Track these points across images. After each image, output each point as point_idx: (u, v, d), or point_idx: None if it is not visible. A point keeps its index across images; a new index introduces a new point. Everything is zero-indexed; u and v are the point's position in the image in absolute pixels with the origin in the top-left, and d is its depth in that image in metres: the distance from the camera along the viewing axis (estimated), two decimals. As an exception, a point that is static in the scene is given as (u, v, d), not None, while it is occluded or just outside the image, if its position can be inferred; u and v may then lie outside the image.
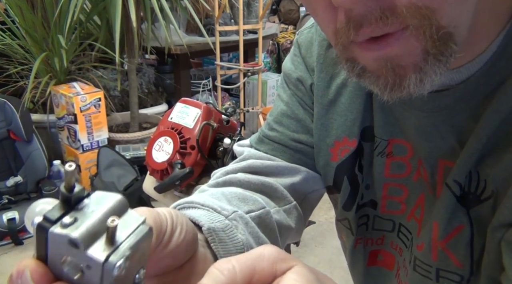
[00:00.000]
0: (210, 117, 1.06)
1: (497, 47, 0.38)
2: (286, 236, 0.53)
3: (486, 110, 0.39)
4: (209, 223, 0.39)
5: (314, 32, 0.56)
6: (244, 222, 0.44)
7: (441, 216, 0.44)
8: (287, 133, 0.57)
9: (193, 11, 2.14)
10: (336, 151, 0.54)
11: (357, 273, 0.60)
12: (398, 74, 0.33)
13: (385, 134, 0.50)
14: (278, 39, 3.87)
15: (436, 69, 0.33)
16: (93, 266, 0.21)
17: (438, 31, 0.31)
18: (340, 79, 0.52)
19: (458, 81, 0.40)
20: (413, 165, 0.49)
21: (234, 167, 0.56)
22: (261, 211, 0.48)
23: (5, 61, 2.37)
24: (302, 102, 0.57)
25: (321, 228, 2.12)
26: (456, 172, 0.42)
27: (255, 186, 0.52)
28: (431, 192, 0.47)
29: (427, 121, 0.44)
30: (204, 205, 0.42)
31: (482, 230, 0.41)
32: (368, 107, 0.50)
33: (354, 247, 0.57)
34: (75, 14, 1.93)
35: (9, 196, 2.07)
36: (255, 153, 0.58)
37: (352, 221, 0.55)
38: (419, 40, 0.32)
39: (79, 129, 2.14)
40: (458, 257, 0.44)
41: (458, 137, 0.42)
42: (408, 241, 0.51)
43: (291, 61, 0.58)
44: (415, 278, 0.48)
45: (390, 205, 0.53)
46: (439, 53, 0.32)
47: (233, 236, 0.40)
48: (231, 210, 0.43)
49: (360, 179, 0.53)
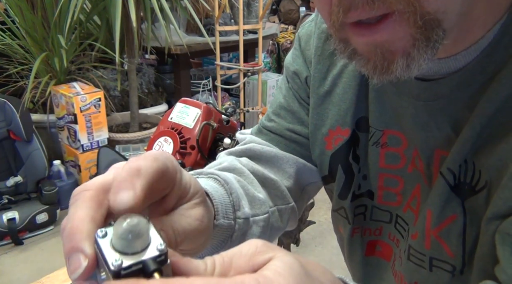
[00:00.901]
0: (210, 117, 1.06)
1: (493, 36, 0.38)
2: (274, 236, 0.56)
3: (481, 99, 0.39)
4: (222, 217, 0.44)
5: (314, 25, 0.57)
6: (247, 228, 0.48)
7: (435, 204, 0.44)
8: (283, 123, 0.59)
9: (193, 11, 2.14)
10: (330, 140, 0.55)
11: (355, 263, 0.60)
12: (387, 59, 0.35)
13: (380, 124, 0.51)
14: (278, 39, 3.87)
15: (423, 55, 0.34)
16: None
17: (423, 17, 0.32)
18: (336, 71, 0.54)
19: (455, 69, 0.41)
20: (407, 157, 0.49)
21: (236, 149, 0.59)
22: (265, 217, 0.51)
23: (5, 61, 2.37)
24: (297, 95, 0.59)
25: (321, 228, 2.13)
26: (450, 160, 0.42)
27: (258, 177, 0.55)
28: (427, 183, 0.47)
29: (423, 110, 0.44)
30: (231, 192, 0.47)
31: (475, 221, 0.41)
32: (362, 98, 0.52)
33: (351, 236, 0.58)
34: (75, 14, 1.93)
35: (9, 196, 2.07)
36: (256, 139, 0.61)
37: (348, 210, 0.56)
38: (408, 26, 0.33)
39: (79, 129, 2.14)
40: (451, 247, 0.44)
41: (454, 127, 0.43)
42: (405, 232, 0.52)
43: (291, 54, 0.61)
44: (409, 267, 0.49)
45: (387, 196, 0.53)
46: (425, 39, 0.33)
47: (225, 237, 0.45)
48: (245, 215, 0.47)
49: (356, 169, 0.54)
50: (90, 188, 0.28)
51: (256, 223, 0.50)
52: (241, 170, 0.54)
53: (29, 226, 2.02)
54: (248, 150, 0.58)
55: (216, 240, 0.44)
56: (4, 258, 1.89)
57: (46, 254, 1.92)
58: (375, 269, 0.59)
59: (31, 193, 2.14)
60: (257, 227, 0.50)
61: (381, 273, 0.58)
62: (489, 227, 0.38)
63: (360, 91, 0.52)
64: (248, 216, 0.48)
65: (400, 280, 0.52)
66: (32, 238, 2.03)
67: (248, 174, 0.54)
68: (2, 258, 1.89)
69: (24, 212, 2.02)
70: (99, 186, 0.28)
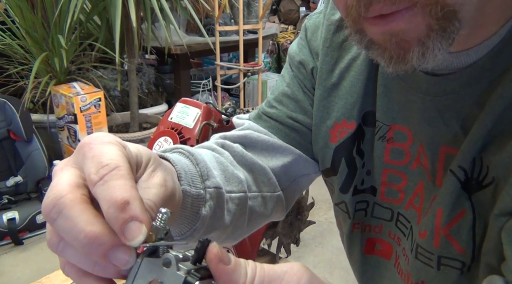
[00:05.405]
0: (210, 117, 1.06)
1: (505, 33, 0.38)
2: (256, 222, 0.55)
3: (491, 96, 0.39)
4: (186, 184, 0.42)
5: (322, 17, 0.57)
6: (222, 201, 0.47)
7: (446, 202, 0.44)
8: (285, 111, 0.59)
9: (193, 11, 2.14)
10: (335, 132, 0.55)
11: (355, 261, 0.61)
12: (402, 48, 0.35)
13: (387, 119, 0.51)
14: (278, 39, 3.87)
15: (438, 45, 0.34)
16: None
17: (443, 8, 0.32)
18: (344, 64, 0.54)
19: (465, 64, 0.41)
20: (412, 153, 0.49)
21: (232, 134, 0.58)
22: (241, 195, 0.50)
23: (5, 61, 2.37)
24: (303, 84, 0.59)
25: (321, 228, 2.13)
26: (461, 158, 0.42)
27: (245, 162, 0.54)
28: (430, 180, 0.47)
29: (431, 105, 0.44)
30: (197, 162, 0.45)
31: (484, 215, 0.42)
32: (369, 92, 0.52)
33: (351, 231, 0.58)
34: (75, 14, 1.93)
35: (9, 196, 2.07)
36: (254, 125, 0.60)
37: (349, 204, 0.56)
38: (425, 17, 0.33)
39: (79, 129, 2.14)
40: (461, 243, 0.44)
41: (462, 124, 0.43)
42: (407, 230, 0.52)
43: (297, 44, 0.60)
44: (416, 265, 0.49)
45: (389, 193, 0.53)
46: (442, 29, 0.33)
47: (197, 208, 0.43)
48: (215, 185, 0.46)
49: (360, 163, 0.54)
50: (120, 164, 0.28)
51: (232, 200, 0.49)
52: (219, 151, 0.54)
53: (29, 226, 2.02)
54: (244, 137, 0.57)
55: (189, 211, 0.43)
56: (4, 258, 1.89)
57: (46, 254, 1.92)
58: (375, 268, 0.59)
59: (31, 193, 2.14)
60: (232, 204, 0.49)
61: (381, 271, 0.58)
62: (496, 223, 0.39)
63: (368, 85, 0.52)
64: (219, 186, 0.46)
65: (407, 279, 0.52)
66: (32, 238, 2.03)
67: (227, 155, 0.54)
68: (2, 258, 1.89)
69: (24, 212, 2.02)
70: (127, 163, 0.29)
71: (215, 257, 0.26)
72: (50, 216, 0.27)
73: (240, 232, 0.53)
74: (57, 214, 0.27)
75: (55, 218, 0.27)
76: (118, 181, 0.27)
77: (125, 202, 0.26)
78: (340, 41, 0.55)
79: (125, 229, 0.26)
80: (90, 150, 0.29)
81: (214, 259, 0.26)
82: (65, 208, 0.27)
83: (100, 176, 0.27)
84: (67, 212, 0.26)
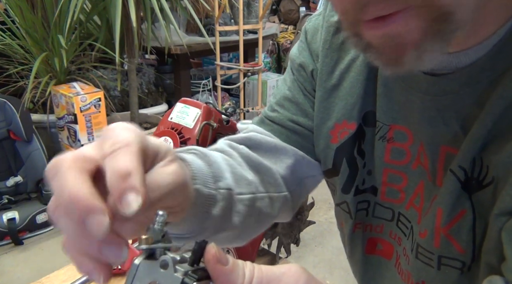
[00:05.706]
0: (210, 117, 1.06)
1: (505, 32, 0.38)
2: (263, 222, 0.56)
3: (491, 96, 0.39)
4: (200, 183, 0.43)
5: (322, 19, 0.58)
6: (231, 203, 0.48)
7: (446, 202, 0.44)
8: (286, 114, 0.59)
9: (193, 11, 2.14)
10: (336, 133, 0.56)
11: (356, 261, 0.61)
12: (399, 51, 0.35)
13: (387, 119, 0.51)
14: (278, 39, 3.87)
15: (435, 47, 0.34)
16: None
17: (439, 10, 0.32)
18: (344, 65, 0.55)
19: (465, 64, 0.41)
20: (412, 153, 0.50)
21: (237, 136, 0.59)
22: (250, 197, 0.51)
23: (5, 61, 2.37)
24: (303, 87, 0.59)
25: (321, 228, 2.13)
26: (461, 158, 0.42)
27: (251, 163, 0.55)
28: (430, 180, 0.47)
29: (431, 105, 0.44)
30: (210, 164, 0.47)
31: (484, 215, 0.42)
32: (369, 92, 0.52)
33: (353, 232, 0.58)
34: (75, 14, 1.93)
35: (9, 196, 2.07)
36: (258, 128, 0.60)
37: (351, 204, 0.56)
38: (420, 19, 0.33)
39: (79, 129, 2.14)
40: (461, 243, 0.44)
41: (462, 124, 0.43)
42: (408, 230, 0.52)
43: (297, 47, 0.61)
44: (417, 265, 0.49)
45: (390, 192, 0.53)
46: (438, 31, 0.33)
47: (208, 207, 0.45)
48: (227, 186, 0.47)
49: (361, 163, 0.54)
50: (132, 143, 0.30)
51: (241, 202, 0.50)
52: (229, 153, 0.54)
53: (29, 226, 2.02)
54: (248, 139, 0.58)
55: (199, 209, 0.43)
56: (4, 258, 1.89)
57: (46, 254, 1.92)
58: (376, 268, 0.59)
59: (31, 193, 2.14)
60: (242, 205, 0.50)
61: (382, 271, 0.58)
62: (496, 223, 0.39)
63: (368, 86, 0.52)
64: (230, 187, 0.48)
65: (407, 279, 0.52)
66: (32, 238, 2.03)
67: (236, 157, 0.54)
68: (2, 258, 1.89)
69: (24, 212, 2.02)
70: (139, 145, 0.31)
71: (213, 258, 0.26)
72: (50, 175, 0.29)
73: (248, 232, 0.54)
74: (54, 173, 0.29)
75: (52, 177, 0.29)
76: (126, 155, 0.29)
77: (127, 173, 0.28)
78: (339, 43, 0.55)
79: (122, 197, 0.28)
80: (111, 132, 0.32)
81: (212, 260, 0.26)
82: (62, 169, 0.29)
83: (112, 150, 0.30)
84: (63, 173, 0.29)
